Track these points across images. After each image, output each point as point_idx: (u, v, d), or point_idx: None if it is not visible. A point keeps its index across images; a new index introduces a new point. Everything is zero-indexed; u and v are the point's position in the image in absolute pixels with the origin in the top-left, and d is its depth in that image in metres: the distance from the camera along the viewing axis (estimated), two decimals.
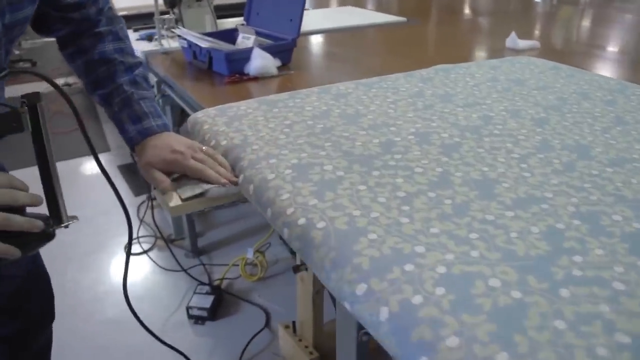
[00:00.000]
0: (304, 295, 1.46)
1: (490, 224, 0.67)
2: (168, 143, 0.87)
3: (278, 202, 0.73)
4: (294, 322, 1.55)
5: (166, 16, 1.96)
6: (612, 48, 2.00)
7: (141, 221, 2.20)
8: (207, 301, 1.77)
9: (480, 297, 0.54)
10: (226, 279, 1.94)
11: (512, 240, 0.64)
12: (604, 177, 0.80)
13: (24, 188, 0.67)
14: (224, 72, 1.51)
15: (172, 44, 1.88)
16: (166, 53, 1.82)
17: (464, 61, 1.44)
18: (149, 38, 1.99)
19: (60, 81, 4.05)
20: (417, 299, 0.54)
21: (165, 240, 2.05)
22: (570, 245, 0.63)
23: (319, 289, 1.43)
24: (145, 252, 2.09)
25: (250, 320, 1.76)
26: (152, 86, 1.13)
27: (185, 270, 1.95)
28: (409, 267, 0.58)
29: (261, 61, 1.48)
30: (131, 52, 0.92)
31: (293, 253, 2.17)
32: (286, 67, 1.60)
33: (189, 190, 0.84)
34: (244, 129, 0.96)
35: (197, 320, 1.75)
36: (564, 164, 0.84)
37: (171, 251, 1.91)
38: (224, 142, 0.93)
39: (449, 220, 0.68)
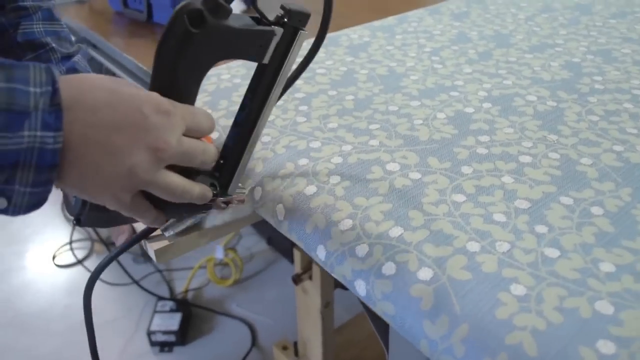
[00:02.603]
0: (309, 310, 1.28)
1: None
2: None
3: (337, 236, 0.53)
4: (295, 343, 1.37)
5: None
6: None
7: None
8: (173, 322, 1.55)
9: None
10: (192, 289, 1.72)
11: None
12: None
13: (212, 126, 0.48)
14: None
15: None
16: (81, 2, 1.53)
17: None
18: None
19: None
20: None
21: (105, 244, 1.81)
22: None
23: (328, 301, 1.25)
24: (79, 262, 1.84)
25: (230, 340, 1.57)
26: None
27: (136, 282, 1.72)
28: (607, 347, 0.40)
29: None
30: (69, 39, 0.71)
31: (270, 243, 1.97)
32: (248, 10, 1.36)
33: (177, 224, 0.62)
34: None
35: (163, 347, 1.55)
36: None
37: (118, 260, 1.67)
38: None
39: (619, 244, 0.49)
